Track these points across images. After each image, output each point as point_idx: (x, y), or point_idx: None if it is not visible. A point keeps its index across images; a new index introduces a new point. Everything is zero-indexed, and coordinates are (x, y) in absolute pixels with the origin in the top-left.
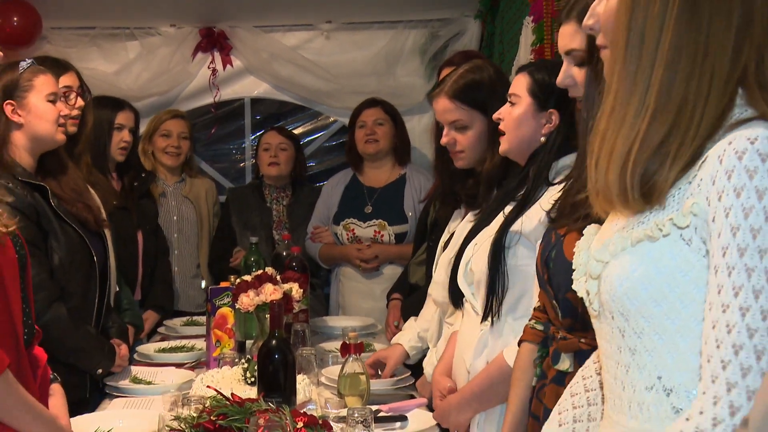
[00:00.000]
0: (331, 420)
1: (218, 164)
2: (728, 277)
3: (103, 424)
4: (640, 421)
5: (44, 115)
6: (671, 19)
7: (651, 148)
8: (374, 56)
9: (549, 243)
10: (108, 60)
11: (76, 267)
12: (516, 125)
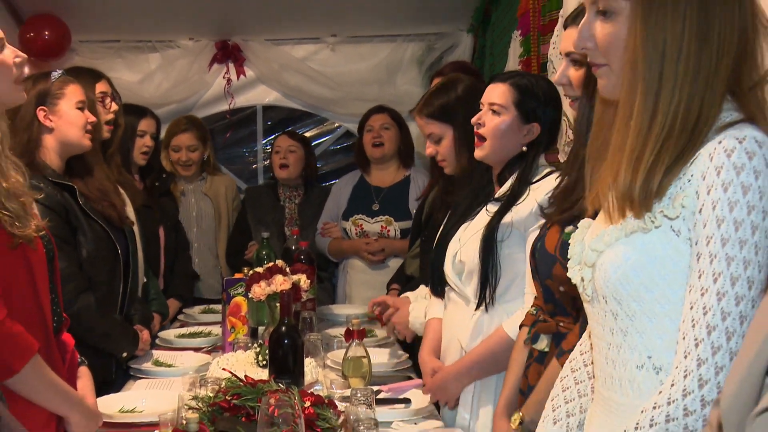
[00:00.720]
0: (336, 399)
1: (233, 166)
2: (710, 264)
3: (127, 403)
4: (630, 398)
5: (74, 121)
6: (691, 40)
7: (671, 159)
8: (376, 66)
9: (538, 236)
10: (131, 70)
11: (102, 260)
12: (500, 135)
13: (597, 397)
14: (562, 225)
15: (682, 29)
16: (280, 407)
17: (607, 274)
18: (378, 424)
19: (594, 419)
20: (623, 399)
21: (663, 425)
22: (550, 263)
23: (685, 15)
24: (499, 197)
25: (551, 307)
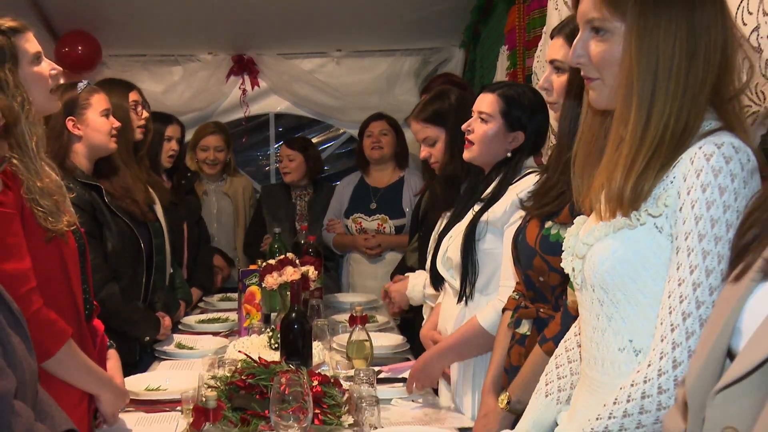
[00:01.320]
0: (340, 379)
1: (247, 168)
2: (687, 257)
3: (153, 382)
4: (611, 377)
5: (100, 128)
6: (680, 59)
7: (661, 165)
8: (376, 78)
9: (519, 228)
10: (156, 81)
11: (126, 253)
12: (487, 140)
13: (582, 376)
14: (542, 220)
15: (673, 50)
16: (291, 386)
17: (596, 266)
18: (379, 401)
19: (579, 396)
20: (605, 378)
21: (639, 401)
22: (531, 255)
23: (675, 37)
24: (483, 198)
25: (532, 294)
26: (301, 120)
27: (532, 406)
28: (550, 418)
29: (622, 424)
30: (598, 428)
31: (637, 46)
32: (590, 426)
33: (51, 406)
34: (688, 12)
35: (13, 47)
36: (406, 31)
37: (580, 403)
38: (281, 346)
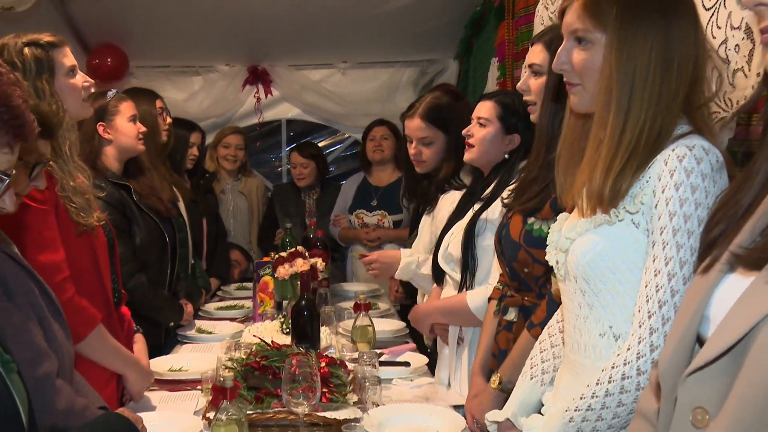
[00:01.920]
0: (346, 361)
1: (261, 169)
2: (662, 250)
3: (175, 363)
4: (592, 360)
5: (128, 132)
6: (653, 58)
7: (637, 166)
8: (378, 87)
9: (502, 224)
10: (179, 90)
11: (152, 246)
12: (485, 143)
13: (565, 359)
14: (525, 215)
15: (649, 60)
16: (301, 367)
17: (578, 259)
18: (381, 381)
19: (562, 378)
20: (587, 361)
21: (619, 382)
22: (516, 249)
23: (651, 49)
24: (483, 197)
25: (516, 284)
26: (310, 125)
27: (519, 388)
28: (536, 399)
29: (604, 402)
30: (582, 407)
31: (617, 56)
32: (575, 405)
33: (85, 386)
34: (664, 26)
35: (50, 60)
36: (406, 44)
37: (563, 385)
38: (292, 330)
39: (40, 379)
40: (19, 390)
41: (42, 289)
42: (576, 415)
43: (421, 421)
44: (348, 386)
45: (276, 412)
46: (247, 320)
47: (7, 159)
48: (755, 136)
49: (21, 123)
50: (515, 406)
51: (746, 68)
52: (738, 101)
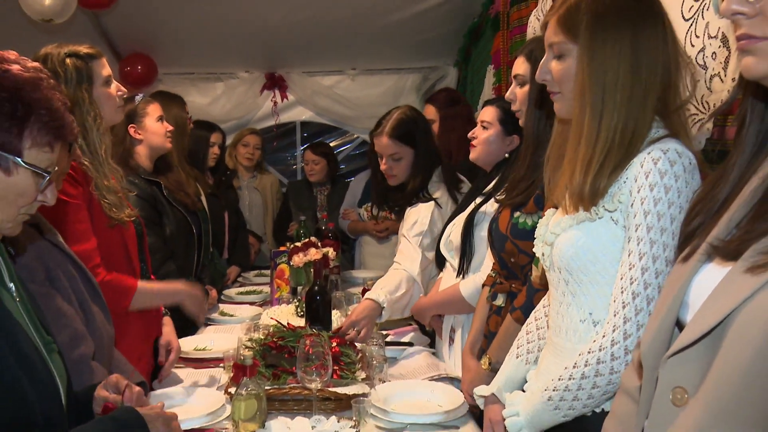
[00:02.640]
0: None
1: (278, 167)
2: (637, 245)
3: (200, 343)
4: (573, 343)
5: (157, 132)
6: (621, 67)
7: (613, 166)
8: (384, 92)
9: (493, 218)
10: (202, 95)
11: (180, 236)
12: (488, 143)
13: (548, 342)
14: (512, 209)
15: (618, 67)
16: (314, 347)
17: (562, 252)
18: (387, 359)
19: (545, 358)
20: (568, 344)
21: (594, 366)
22: (503, 240)
23: (620, 56)
24: (485, 192)
25: (505, 272)
26: (322, 127)
27: (505, 366)
28: (520, 376)
29: (580, 384)
30: (560, 387)
31: (588, 63)
32: (553, 385)
33: (125, 364)
34: (631, 35)
35: (89, 70)
36: (409, 52)
37: (545, 364)
38: (306, 313)
39: (76, 360)
40: (60, 369)
41: (83, 275)
42: (554, 394)
43: (423, 395)
44: (357, 364)
45: (291, 387)
46: (265, 304)
47: (47, 157)
48: (730, 136)
49: (61, 124)
50: (501, 383)
51: (722, 74)
52: (714, 104)
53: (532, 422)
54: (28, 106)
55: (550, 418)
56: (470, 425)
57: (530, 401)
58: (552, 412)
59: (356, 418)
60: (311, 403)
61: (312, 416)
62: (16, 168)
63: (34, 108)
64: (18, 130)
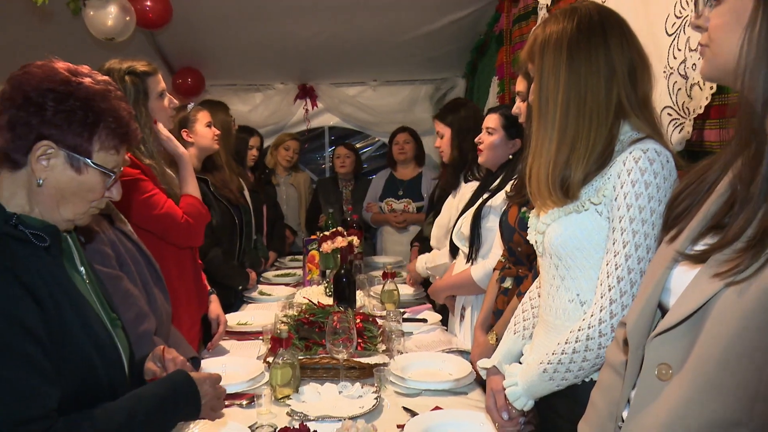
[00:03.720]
0: (376, 317)
1: (309, 165)
2: (621, 235)
3: (242, 318)
4: (562, 320)
5: (205, 135)
6: (561, 85)
7: (560, 165)
8: (401, 101)
9: (503, 212)
10: (243, 103)
11: (225, 226)
12: (493, 147)
13: (540, 320)
14: (519, 206)
15: (556, 89)
16: (341, 322)
17: (552, 239)
18: (404, 333)
19: (538, 334)
20: (557, 322)
21: (584, 341)
22: (512, 232)
23: (558, 80)
24: (491, 189)
25: (513, 259)
26: (347, 131)
27: (504, 341)
28: (517, 349)
29: (572, 358)
30: (554, 360)
31: (536, 87)
32: (548, 359)
33: (181, 340)
34: (565, 65)
35: (145, 87)
36: (423, 66)
37: (538, 340)
38: (333, 293)
39: (140, 335)
40: (123, 342)
41: (148, 261)
42: (549, 367)
43: (436, 365)
44: (378, 338)
45: (321, 357)
46: (298, 285)
47: (113, 159)
48: (707, 138)
49: (126, 131)
50: (501, 356)
51: (701, 83)
52: (694, 109)
53: (529, 391)
54: (98, 115)
55: (545, 387)
56: (477, 392)
57: (527, 373)
58: (547, 383)
59: (377, 384)
60: (338, 371)
61: (339, 382)
62: (86, 168)
63: (102, 116)
64: (88, 135)
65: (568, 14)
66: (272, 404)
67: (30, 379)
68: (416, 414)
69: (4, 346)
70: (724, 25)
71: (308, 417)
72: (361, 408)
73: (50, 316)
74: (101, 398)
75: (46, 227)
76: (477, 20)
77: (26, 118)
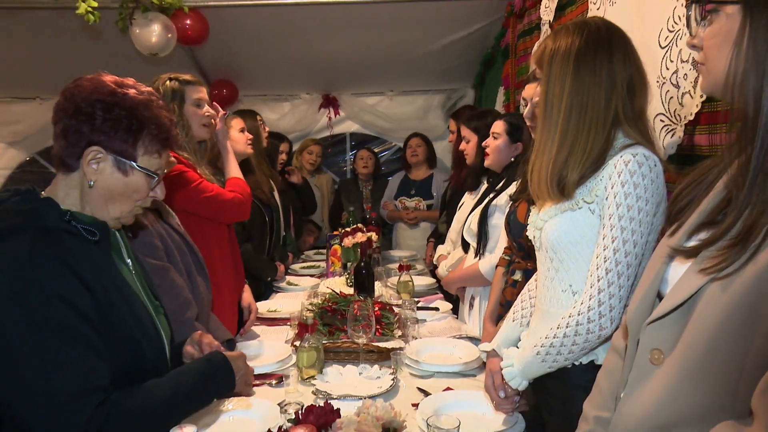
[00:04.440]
0: (393, 306)
1: (332, 168)
2: (610, 231)
3: (272, 306)
4: (556, 308)
5: (239, 140)
6: (566, 92)
7: (559, 165)
8: (416, 109)
9: (510, 210)
10: (273, 112)
11: (256, 223)
12: (498, 151)
13: (536, 308)
14: (529, 203)
15: (561, 96)
16: (361, 310)
17: (548, 235)
18: (418, 321)
19: (534, 321)
20: (551, 309)
21: (574, 327)
22: (521, 228)
23: (563, 88)
24: (496, 189)
25: (522, 254)
26: (367, 137)
27: (503, 327)
28: (515, 335)
29: (563, 342)
30: (547, 344)
31: (542, 92)
32: (541, 342)
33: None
34: (571, 75)
35: (182, 92)
36: (436, 77)
37: (533, 325)
38: (354, 284)
39: (184, 322)
40: (165, 328)
41: (192, 252)
42: (542, 350)
43: (447, 350)
44: (394, 324)
45: (343, 342)
46: (322, 276)
47: (156, 162)
48: (697, 142)
49: (167, 137)
50: (500, 340)
51: (692, 92)
52: (685, 116)
53: (524, 371)
54: (141, 122)
55: (539, 368)
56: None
57: (522, 355)
58: (540, 364)
59: (394, 366)
60: (359, 354)
61: (359, 365)
62: (132, 171)
63: (146, 123)
64: (133, 141)
65: (578, 27)
66: (299, 384)
67: (88, 356)
68: (429, 394)
69: (64, 327)
70: (715, 45)
71: (331, 395)
72: (380, 388)
73: (101, 304)
74: (147, 378)
75: (97, 223)
76: (485, 35)
77: (77, 126)
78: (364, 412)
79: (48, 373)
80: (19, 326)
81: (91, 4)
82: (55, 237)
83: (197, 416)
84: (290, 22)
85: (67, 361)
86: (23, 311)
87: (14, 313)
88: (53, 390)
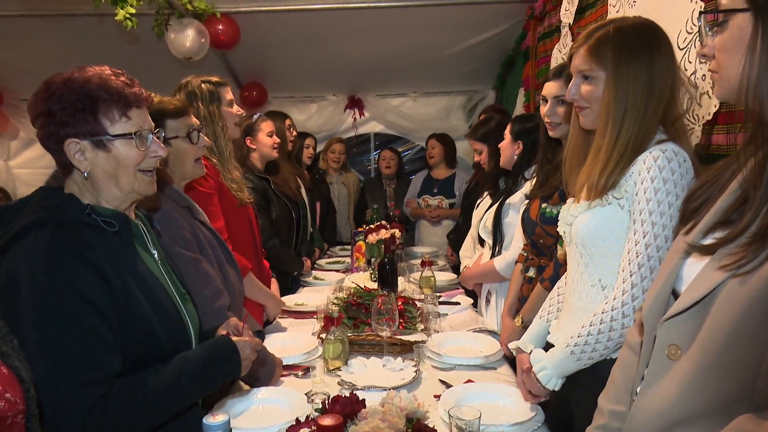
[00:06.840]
0: (415, 300)
1: (357, 167)
2: (641, 226)
3: (298, 300)
4: (585, 303)
5: (267, 143)
6: (642, 96)
7: (622, 166)
8: (438, 110)
9: (525, 208)
10: (301, 113)
11: (283, 219)
12: (503, 150)
13: (565, 303)
14: (541, 201)
15: (636, 90)
16: (385, 304)
17: (578, 230)
18: (440, 314)
19: (563, 315)
20: (580, 304)
21: (608, 323)
22: (534, 226)
23: (638, 80)
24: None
25: (536, 251)
26: (391, 137)
27: (533, 326)
28: (544, 333)
29: (597, 338)
30: (580, 342)
31: (613, 87)
32: (574, 341)
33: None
34: (648, 63)
35: (218, 94)
36: (458, 79)
37: (563, 319)
38: (378, 279)
39: (216, 310)
40: (192, 315)
41: (222, 245)
42: (576, 348)
43: (468, 343)
44: (417, 318)
45: (367, 334)
46: (347, 271)
47: (128, 124)
48: (715, 142)
49: (123, 97)
50: (529, 339)
51: (710, 92)
52: (703, 116)
53: (558, 371)
54: (92, 97)
55: (573, 366)
56: (505, 367)
57: (554, 356)
58: (575, 363)
59: (417, 359)
60: (382, 347)
61: (383, 357)
62: (110, 143)
63: (96, 96)
64: (93, 117)
65: (646, 27)
66: (325, 375)
67: (93, 348)
68: (451, 386)
69: (71, 318)
70: (728, 52)
71: (356, 386)
72: (403, 379)
73: (116, 292)
74: (166, 362)
75: (116, 215)
76: (506, 38)
77: (47, 130)
78: (388, 402)
79: (53, 363)
80: (29, 317)
81: (129, 11)
82: (74, 230)
83: (229, 405)
84: (318, 26)
85: (70, 352)
86: (34, 303)
87: (26, 305)
88: (56, 380)
